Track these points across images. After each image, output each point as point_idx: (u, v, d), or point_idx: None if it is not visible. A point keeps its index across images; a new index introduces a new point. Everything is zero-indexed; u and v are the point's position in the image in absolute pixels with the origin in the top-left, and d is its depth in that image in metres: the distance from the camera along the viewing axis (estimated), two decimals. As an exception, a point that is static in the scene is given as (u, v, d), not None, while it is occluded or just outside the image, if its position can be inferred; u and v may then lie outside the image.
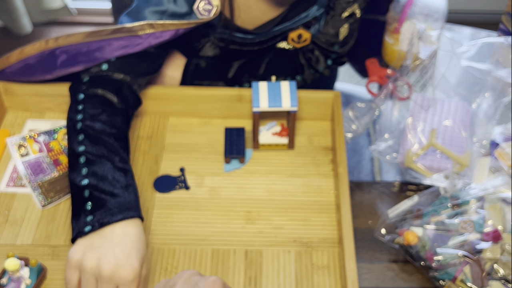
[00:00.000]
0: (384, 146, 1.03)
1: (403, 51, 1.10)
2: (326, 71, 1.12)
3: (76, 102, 0.94)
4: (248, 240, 0.92)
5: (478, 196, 0.90)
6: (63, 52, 0.96)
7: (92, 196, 0.83)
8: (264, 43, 1.08)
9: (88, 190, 0.83)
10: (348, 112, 1.06)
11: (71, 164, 0.87)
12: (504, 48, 1.04)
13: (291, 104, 0.96)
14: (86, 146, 0.87)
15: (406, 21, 1.09)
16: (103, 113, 0.92)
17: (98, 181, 0.84)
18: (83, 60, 0.96)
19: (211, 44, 1.08)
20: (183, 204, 0.96)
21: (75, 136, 0.89)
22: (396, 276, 0.90)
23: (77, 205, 0.84)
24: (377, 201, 0.99)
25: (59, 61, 0.97)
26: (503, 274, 0.84)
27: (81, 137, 0.88)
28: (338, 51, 1.10)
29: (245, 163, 1.01)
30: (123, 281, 0.77)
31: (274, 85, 0.98)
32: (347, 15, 1.07)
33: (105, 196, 0.83)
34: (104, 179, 0.84)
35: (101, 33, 0.95)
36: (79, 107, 0.92)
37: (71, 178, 0.86)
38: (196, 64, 1.10)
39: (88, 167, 0.85)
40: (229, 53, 1.09)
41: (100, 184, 0.84)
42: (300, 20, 1.06)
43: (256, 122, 0.99)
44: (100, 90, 0.95)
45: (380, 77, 1.14)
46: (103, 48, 0.95)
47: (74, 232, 0.82)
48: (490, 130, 0.99)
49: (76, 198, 0.84)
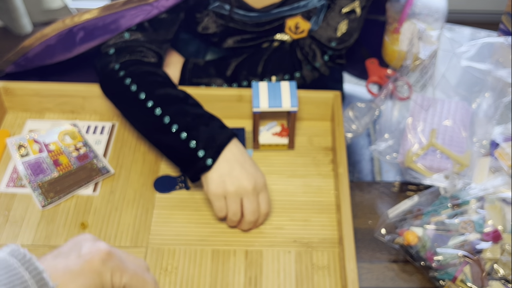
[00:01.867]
0: (384, 146, 1.03)
1: (403, 51, 1.10)
2: (324, 69, 1.12)
3: (117, 76, 0.97)
4: (248, 241, 0.92)
5: (478, 196, 0.90)
6: (80, 29, 1.00)
7: (190, 135, 0.89)
8: (261, 25, 1.08)
9: (184, 132, 0.89)
10: (348, 112, 1.06)
11: (155, 129, 0.92)
12: (504, 48, 1.04)
13: (291, 105, 0.96)
14: (162, 108, 0.92)
15: (406, 21, 1.09)
16: (150, 76, 0.97)
17: (186, 121, 0.90)
18: (100, 34, 1.00)
19: (209, 18, 1.08)
20: (183, 204, 0.96)
21: (144, 104, 0.93)
22: (396, 276, 0.90)
23: (179, 154, 0.91)
24: (377, 201, 0.99)
25: (77, 38, 1.01)
26: (503, 274, 0.84)
27: (150, 104, 0.92)
28: (335, 47, 1.10)
29: None
30: (262, 187, 0.89)
31: (274, 85, 0.98)
32: (347, 11, 1.07)
33: (201, 129, 0.89)
34: (189, 116, 0.91)
35: (113, 6, 0.99)
36: (127, 81, 0.96)
37: (162, 139, 0.92)
38: (194, 63, 1.10)
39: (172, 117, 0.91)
40: (226, 32, 1.10)
41: (189, 122, 0.90)
42: (299, 8, 1.07)
43: (256, 122, 0.99)
44: (132, 56, 0.99)
45: (380, 77, 1.14)
46: (118, 20, 0.99)
47: (193, 173, 0.88)
48: (490, 130, 0.99)
49: (174, 151, 0.91)
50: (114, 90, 0.99)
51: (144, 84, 0.95)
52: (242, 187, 0.87)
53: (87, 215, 0.94)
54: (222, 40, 1.12)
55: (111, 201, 0.96)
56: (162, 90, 0.94)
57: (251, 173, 0.88)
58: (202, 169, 0.88)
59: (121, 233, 0.92)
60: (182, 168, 0.92)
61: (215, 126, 0.91)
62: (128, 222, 0.93)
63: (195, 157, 0.88)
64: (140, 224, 0.93)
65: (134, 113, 0.97)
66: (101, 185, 0.98)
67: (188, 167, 0.90)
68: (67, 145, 1.02)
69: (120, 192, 0.97)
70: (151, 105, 0.92)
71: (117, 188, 0.98)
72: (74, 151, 1.01)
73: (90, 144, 1.03)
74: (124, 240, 0.91)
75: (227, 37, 1.12)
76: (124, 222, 0.93)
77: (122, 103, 0.99)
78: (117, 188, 0.98)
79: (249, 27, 1.09)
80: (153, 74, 0.98)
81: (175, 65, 1.10)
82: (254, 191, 0.88)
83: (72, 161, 1.00)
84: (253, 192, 0.88)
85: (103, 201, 0.96)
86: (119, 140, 1.05)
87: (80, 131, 1.05)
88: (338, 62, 1.13)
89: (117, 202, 0.96)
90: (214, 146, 0.88)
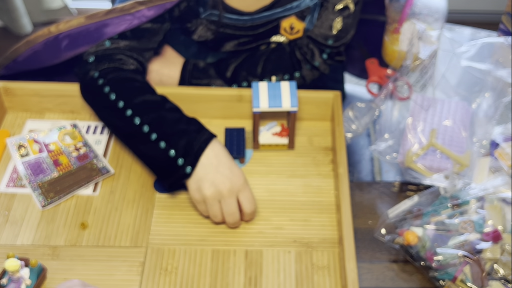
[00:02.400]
0: (384, 146, 1.03)
1: (403, 51, 1.10)
2: (324, 67, 1.12)
3: (95, 84, 0.98)
4: (248, 241, 0.92)
5: (478, 196, 0.90)
6: (66, 37, 1.02)
7: (169, 143, 0.90)
8: (255, 28, 1.08)
9: (162, 141, 0.90)
10: (348, 112, 1.06)
11: (135, 137, 0.93)
12: (504, 48, 1.04)
13: (291, 105, 0.96)
14: (140, 117, 0.92)
15: (406, 21, 1.09)
16: (128, 83, 0.98)
17: (164, 129, 0.91)
18: (84, 42, 1.02)
19: (203, 27, 1.09)
20: (183, 204, 0.96)
21: (123, 112, 0.94)
22: (396, 276, 0.90)
23: (159, 162, 0.91)
24: (377, 201, 0.99)
25: (63, 45, 1.02)
26: (503, 274, 0.84)
27: (129, 112, 0.93)
28: (333, 45, 1.10)
29: (245, 164, 1.01)
30: (240, 187, 0.89)
31: (274, 85, 0.98)
32: (340, 8, 1.07)
33: (179, 135, 0.90)
34: (167, 123, 0.92)
35: (97, 15, 1.01)
36: (106, 89, 0.96)
37: (142, 149, 0.93)
38: (194, 64, 1.10)
39: (151, 126, 0.92)
40: (222, 37, 1.10)
41: (167, 129, 0.91)
42: (292, 9, 1.07)
43: (256, 122, 0.99)
44: (110, 64, 1.00)
45: (380, 77, 1.14)
46: (101, 29, 1.01)
47: (173, 181, 0.90)
48: (490, 130, 0.99)
49: (154, 160, 0.92)
50: (94, 98, 1.00)
51: (122, 92, 0.95)
52: (217, 191, 0.88)
53: (87, 215, 0.94)
54: (219, 45, 1.13)
55: (111, 201, 0.96)
56: (140, 98, 0.95)
57: (226, 175, 0.88)
58: (182, 177, 0.89)
59: (121, 233, 0.92)
60: (162, 176, 0.92)
61: (192, 131, 0.91)
62: (128, 222, 0.93)
63: (175, 166, 0.89)
64: (140, 224, 0.93)
65: (114, 122, 0.97)
66: (101, 185, 0.98)
67: (169, 176, 0.90)
68: (67, 145, 1.02)
69: (120, 192, 0.97)
70: (130, 114, 0.93)
71: (117, 188, 0.98)
72: (74, 151, 1.01)
73: (90, 144, 1.03)
74: (124, 240, 0.91)
75: (223, 43, 1.12)
76: (124, 222, 0.93)
77: (102, 111, 0.99)
78: (117, 188, 0.98)
79: (243, 31, 1.09)
80: (131, 80, 0.98)
81: (175, 66, 1.10)
82: (231, 193, 0.88)
83: (72, 161, 1.00)
84: (229, 194, 0.88)
85: (103, 201, 0.96)
86: (119, 140, 1.05)
87: (80, 131, 1.05)
88: (337, 60, 1.13)
89: (117, 202, 0.96)
90: (192, 154, 0.89)
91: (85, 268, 0.88)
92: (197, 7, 1.08)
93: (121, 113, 0.93)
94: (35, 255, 0.89)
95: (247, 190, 0.90)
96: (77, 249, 0.90)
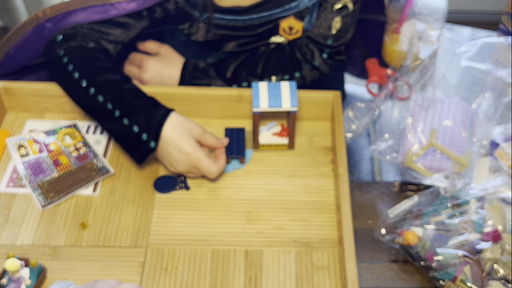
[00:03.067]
0: (384, 146, 1.03)
1: (403, 51, 1.10)
2: (324, 67, 1.12)
3: (60, 62, 1.00)
4: (248, 241, 0.92)
5: (478, 196, 0.90)
6: (50, 23, 1.04)
7: (131, 120, 0.94)
8: (254, 28, 1.08)
9: (125, 118, 0.94)
10: (348, 112, 1.06)
11: (101, 115, 0.97)
12: (504, 48, 1.04)
13: (291, 104, 0.96)
14: (103, 95, 0.96)
15: (406, 21, 1.09)
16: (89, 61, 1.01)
17: (125, 105, 0.95)
18: (64, 26, 1.04)
19: (201, 29, 1.10)
20: (183, 204, 0.96)
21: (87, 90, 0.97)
22: (396, 276, 0.90)
23: (125, 138, 0.96)
24: (377, 201, 0.99)
25: (46, 31, 1.04)
26: (503, 274, 0.84)
27: (92, 91, 0.97)
28: (332, 44, 1.10)
29: (245, 164, 1.01)
30: (195, 160, 0.94)
31: (274, 85, 0.98)
32: (339, 7, 1.07)
33: (138, 112, 0.94)
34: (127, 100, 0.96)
35: (78, 1, 1.03)
36: (69, 67, 0.99)
37: (108, 126, 0.98)
38: (194, 64, 1.10)
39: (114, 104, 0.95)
40: (221, 38, 1.11)
41: (128, 106, 0.95)
42: (290, 9, 1.07)
43: (256, 122, 0.99)
44: (75, 42, 1.02)
45: (380, 77, 1.14)
46: (81, 14, 1.03)
47: (139, 156, 0.95)
48: (490, 130, 0.99)
49: (121, 136, 0.96)
50: (59, 76, 1.03)
51: (84, 71, 0.99)
52: (178, 170, 0.95)
53: (87, 215, 0.94)
54: (219, 46, 1.13)
55: (111, 201, 0.96)
56: (100, 76, 0.98)
57: (183, 152, 0.93)
58: (147, 152, 0.95)
59: (121, 233, 0.92)
60: (130, 151, 0.97)
61: (150, 107, 0.95)
62: (128, 222, 0.93)
63: (140, 141, 0.94)
64: (140, 224, 0.93)
65: (80, 99, 1.00)
66: (101, 185, 0.98)
67: (135, 150, 0.95)
68: (67, 145, 1.02)
69: (120, 192, 0.97)
70: (93, 92, 0.97)
71: (117, 188, 0.98)
72: (74, 151, 1.01)
73: (90, 144, 1.03)
74: (124, 240, 0.91)
75: (223, 43, 1.12)
76: (124, 222, 0.93)
77: (69, 89, 1.02)
78: (117, 188, 0.98)
79: (242, 31, 1.09)
80: (93, 58, 1.01)
81: (175, 66, 1.10)
82: (191, 167, 0.95)
83: (72, 161, 1.00)
84: (189, 169, 0.95)
85: (103, 201, 0.96)
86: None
87: (80, 131, 1.05)
88: (337, 59, 1.13)
89: (117, 202, 0.96)
90: (153, 129, 0.93)
91: (85, 268, 0.88)
92: (190, 10, 1.08)
93: (85, 91, 0.97)
94: (35, 255, 0.89)
95: (201, 162, 0.95)
96: (77, 249, 0.90)
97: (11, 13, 2.26)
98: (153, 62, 1.10)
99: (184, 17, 1.10)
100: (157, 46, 1.13)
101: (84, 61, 1.00)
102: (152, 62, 1.10)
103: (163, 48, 1.13)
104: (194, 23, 1.10)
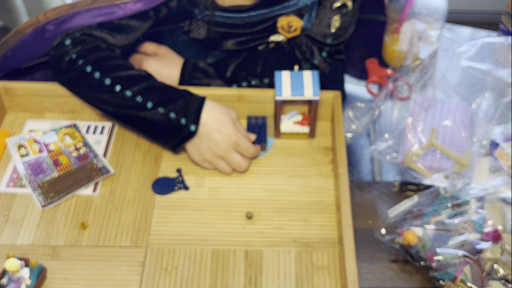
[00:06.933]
0: (384, 146, 1.03)
1: (403, 51, 1.10)
2: (323, 66, 1.11)
3: (75, 65, 0.99)
4: (248, 240, 0.92)
5: (478, 196, 0.90)
6: (52, 25, 1.02)
7: (167, 108, 0.94)
8: (253, 26, 1.09)
9: (160, 107, 0.94)
10: (348, 112, 1.06)
11: (131, 108, 0.96)
12: (504, 48, 1.04)
13: (314, 93, 0.97)
14: (131, 89, 0.96)
15: (406, 21, 1.09)
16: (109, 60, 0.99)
17: (157, 96, 0.95)
18: (67, 29, 1.02)
19: (200, 26, 1.10)
20: (183, 204, 0.96)
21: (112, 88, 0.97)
22: (396, 276, 0.90)
23: (161, 125, 0.95)
24: (377, 201, 0.99)
25: (48, 34, 1.03)
26: (503, 274, 0.84)
27: (118, 88, 0.96)
28: (332, 43, 1.10)
29: (267, 151, 1.02)
30: (236, 141, 0.96)
31: (297, 75, 0.99)
32: (338, 6, 1.07)
33: (174, 100, 0.95)
34: (159, 91, 0.96)
35: (82, 3, 1.01)
36: (87, 69, 0.98)
37: (141, 116, 0.96)
38: (194, 64, 1.10)
39: (145, 96, 0.95)
40: (220, 36, 1.11)
41: (161, 96, 0.95)
42: (289, 7, 1.07)
43: (278, 110, 1.00)
44: (86, 45, 1.00)
45: (380, 77, 1.14)
46: (85, 16, 1.02)
47: (178, 141, 0.96)
48: (490, 130, 0.99)
49: (156, 123, 0.95)
50: (74, 79, 1.00)
51: (106, 70, 0.97)
52: (211, 156, 0.96)
53: (87, 215, 0.94)
54: (218, 44, 1.13)
55: (111, 201, 0.96)
56: (124, 73, 0.97)
57: (224, 133, 0.94)
58: (187, 136, 0.95)
59: (121, 233, 0.92)
60: (167, 138, 0.96)
61: (186, 94, 0.96)
62: (128, 222, 0.93)
63: (179, 126, 0.94)
64: (140, 224, 0.93)
65: (103, 98, 0.98)
66: (101, 185, 0.98)
67: (174, 136, 0.95)
68: (67, 145, 1.02)
69: (120, 192, 0.97)
70: (119, 89, 0.96)
71: (117, 188, 0.98)
72: (74, 151, 1.01)
73: (90, 144, 1.03)
74: (124, 240, 0.91)
75: (222, 41, 1.12)
76: (124, 222, 0.93)
77: (86, 91, 1.00)
78: (117, 188, 0.98)
79: (241, 28, 1.09)
80: (111, 58, 1.00)
81: (175, 66, 1.10)
82: (230, 149, 0.96)
83: (72, 161, 1.00)
84: (225, 153, 0.96)
85: (103, 201, 0.96)
86: (119, 140, 1.05)
87: (80, 131, 1.05)
88: (337, 58, 1.13)
89: (117, 202, 0.96)
90: (192, 113, 0.94)
91: (85, 268, 0.88)
92: (191, 8, 1.08)
93: (110, 88, 0.96)
94: (35, 255, 0.89)
95: (241, 140, 0.96)
96: (77, 249, 0.90)
97: (11, 13, 2.27)
98: (152, 62, 1.10)
99: (184, 15, 1.10)
100: (155, 47, 1.13)
101: (103, 61, 0.98)
102: (151, 63, 1.10)
103: (161, 49, 1.13)
104: (193, 20, 1.10)
